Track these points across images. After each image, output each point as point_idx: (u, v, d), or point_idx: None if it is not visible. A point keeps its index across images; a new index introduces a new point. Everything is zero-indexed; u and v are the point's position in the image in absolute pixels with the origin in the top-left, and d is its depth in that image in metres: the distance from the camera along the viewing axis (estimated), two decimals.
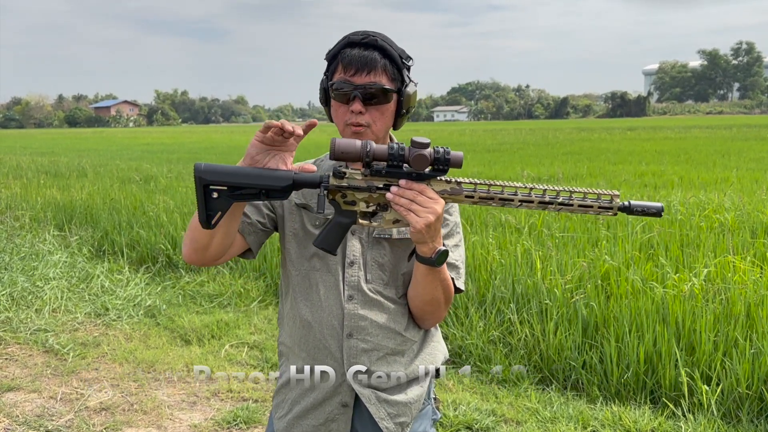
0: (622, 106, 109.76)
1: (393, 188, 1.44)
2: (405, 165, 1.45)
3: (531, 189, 1.46)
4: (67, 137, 51.90)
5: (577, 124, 64.34)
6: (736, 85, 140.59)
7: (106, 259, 6.90)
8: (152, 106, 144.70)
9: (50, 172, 16.34)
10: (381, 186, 1.47)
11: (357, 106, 1.54)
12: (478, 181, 1.46)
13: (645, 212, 1.46)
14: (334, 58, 1.60)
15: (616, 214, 1.46)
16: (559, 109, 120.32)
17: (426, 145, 1.42)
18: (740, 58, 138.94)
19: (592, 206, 1.45)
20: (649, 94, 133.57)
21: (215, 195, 1.47)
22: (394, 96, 1.58)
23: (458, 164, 1.43)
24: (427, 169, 1.45)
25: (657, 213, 1.46)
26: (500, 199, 1.46)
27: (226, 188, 1.46)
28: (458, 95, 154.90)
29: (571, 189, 1.46)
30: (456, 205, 1.71)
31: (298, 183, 1.47)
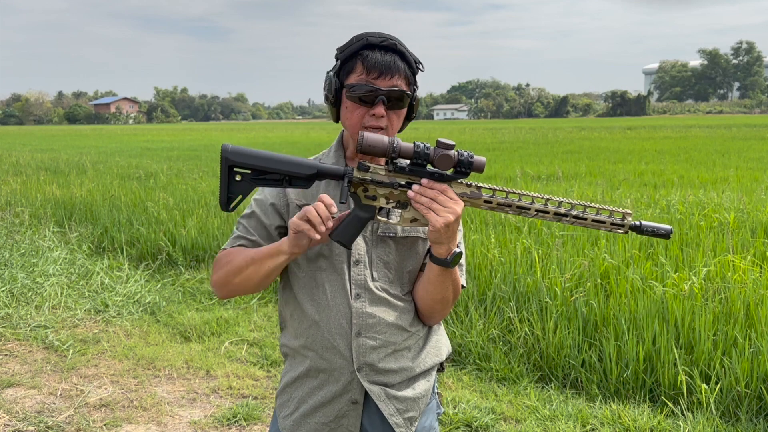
0: (622, 105, 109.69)
1: (415, 186, 1.46)
2: (428, 165, 1.47)
3: (547, 200, 1.48)
4: (66, 134, 51.85)
5: (577, 123, 64.32)
6: (736, 84, 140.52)
7: (106, 256, 6.90)
8: (152, 103, 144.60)
9: (50, 168, 16.33)
10: (403, 183, 1.49)
11: (380, 109, 1.54)
12: (497, 188, 1.49)
13: (655, 233, 1.48)
14: (350, 58, 1.57)
15: (627, 233, 1.48)
16: (559, 108, 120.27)
17: (451, 147, 1.44)
18: (740, 58, 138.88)
19: (604, 222, 1.48)
20: (649, 93, 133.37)
21: (238, 178, 1.47)
22: (409, 100, 1.60)
23: (480, 169, 1.45)
24: (449, 171, 1.47)
25: (666, 235, 1.48)
26: (517, 207, 1.48)
27: (249, 172, 1.47)
28: (458, 94, 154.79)
29: (585, 204, 1.48)
30: None
31: (322, 173, 1.49)
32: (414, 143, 1.45)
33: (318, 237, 1.45)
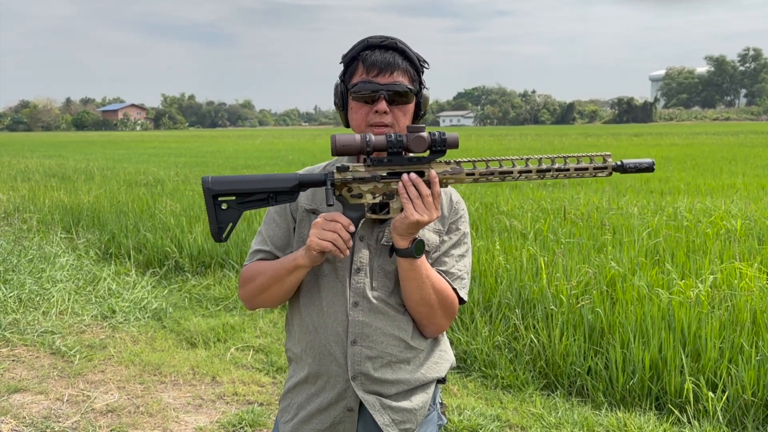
0: (628, 111, 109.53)
1: (411, 175, 1.47)
2: (404, 152, 1.49)
3: (527, 160, 1.51)
4: (74, 141, 52.12)
5: (584, 129, 64.27)
6: (743, 91, 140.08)
7: (113, 262, 6.93)
8: (159, 109, 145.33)
9: (58, 174, 16.42)
10: (385, 175, 1.51)
11: (382, 105, 1.56)
12: (476, 159, 1.51)
13: (638, 168, 1.49)
14: (352, 60, 1.61)
15: (611, 174, 1.49)
16: (566, 114, 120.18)
17: (422, 129, 1.47)
18: (747, 65, 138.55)
19: (587, 168, 1.49)
20: (656, 100, 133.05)
21: (224, 207, 1.49)
22: (414, 97, 1.61)
23: (454, 144, 1.48)
24: (425, 153, 1.49)
25: (649, 167, 1.49)
26: (500, 173, 1.51)
27: (234, 198, 1.49)
28: (464, 100, 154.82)
29: (564, 156, 1.50)
30: (466, 215, 1.73)
31: (304, 183, 1.51)
32: (385, 134, 1.47)
33: (343, 256, 1.50)
